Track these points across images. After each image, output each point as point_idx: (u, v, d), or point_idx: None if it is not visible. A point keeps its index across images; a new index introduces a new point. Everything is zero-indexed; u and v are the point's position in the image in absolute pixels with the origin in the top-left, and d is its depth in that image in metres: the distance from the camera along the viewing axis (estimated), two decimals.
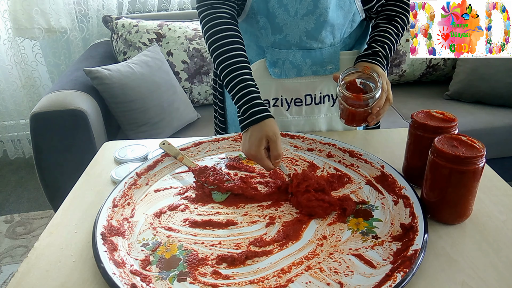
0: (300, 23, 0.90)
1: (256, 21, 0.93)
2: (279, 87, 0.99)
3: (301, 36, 0.91)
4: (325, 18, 0.88)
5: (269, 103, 1.00)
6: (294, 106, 1.00)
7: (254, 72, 0.96)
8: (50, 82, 2.39)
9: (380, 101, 0.82)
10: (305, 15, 0.88)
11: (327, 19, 0.89)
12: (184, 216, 0.73)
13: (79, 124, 1.54)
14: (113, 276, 0.58)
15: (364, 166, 0.84)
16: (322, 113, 1.01)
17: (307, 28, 0.90)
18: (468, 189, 0.66)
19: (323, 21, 0.89)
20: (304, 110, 1.00)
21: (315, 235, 0.68)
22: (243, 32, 0.98)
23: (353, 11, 0.91)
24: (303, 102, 1.00)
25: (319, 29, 0.90)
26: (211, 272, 0.61)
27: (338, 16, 0.90)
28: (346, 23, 0.93)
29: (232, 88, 0.83)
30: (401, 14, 0.94)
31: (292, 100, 1.00)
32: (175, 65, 1.98)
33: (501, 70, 1.96)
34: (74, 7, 2.22)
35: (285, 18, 0.89)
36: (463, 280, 0.58)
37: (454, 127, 0.73)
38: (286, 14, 0.89)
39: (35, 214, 2.06)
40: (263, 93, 0.99)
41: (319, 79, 0.98)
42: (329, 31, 0.92)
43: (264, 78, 0.98)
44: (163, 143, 0.90)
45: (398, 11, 0.94)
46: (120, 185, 0.78)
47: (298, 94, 0.99)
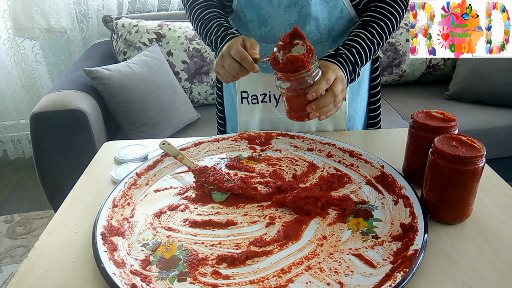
0: (283, 15, 0.90)
1: (244, 14, 0.94)
2: (267, 82, 0.99)
3: (285, 29, 0.91)
4: (307, 11, 0.88)
5: (257, 99, 1.00)
6: (282, 103, 1.00)
7: None
8: (50, 82, 2.40)
9: (318, 88, 0.77)
10: (288, 6, 0.89)
11: (310, 11, 0.88)
12: (184, 216, 0.73)
13: (79, 124, 1.54)
14: (113, 276, 0.58)
15: (364, 166, 0.84)
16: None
17: (290, 20, 0.90)
18: (468, 189, 0.66)
19: (305, 14, 0.89)
20: None
21: (315, 235, 0.68)
22: (237, 26, 1.00)
23: (339, 6, 0.90)
24: None
25: (303, 22, 0.90)
26: (211, 272, 0.61)
27: (323, 10, 0.89)
28: (334, 18, 0.91)
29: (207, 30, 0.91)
30: (379, 20, 0.90)
31: (280, 97, 1.00)
32: (175, 65, 1.98)
33: (501, 70, 1.96)
34: (74, 7, 2.22)
35: (269, 10, 0.90)
36: (463, 280, 0.58)
37: (454, 127, 0.73)
38: (270, 6, 0.90)
39: (35, 214, 2.06)
40: (251, 88, 1.00)
41: None
42: (314, 25, 0.91)
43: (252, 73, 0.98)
44: (163, 143, 0.90)
45: (376, 17, 0.90)
46: (120, 185, 0.78)
47: None
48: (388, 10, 0.91)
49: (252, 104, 1.00)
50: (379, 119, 1.11)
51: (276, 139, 0.95)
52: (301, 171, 0.85)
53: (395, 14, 0.91)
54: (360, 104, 1.05)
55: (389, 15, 0.91)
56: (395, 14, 0.91)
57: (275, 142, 0.95)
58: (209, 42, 0.93)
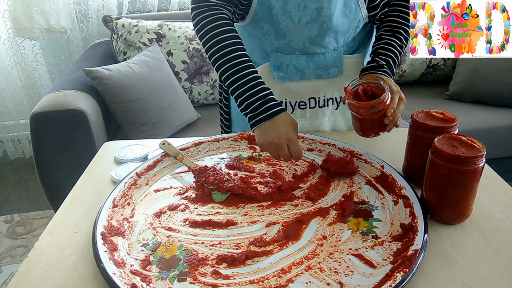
0: (303, 30, 0.90)
1: (260, 26, 0.93)
2: (283, 90, 0.99)
3: (304, 42, 0.92)
4: (328, 26, 0.89)
5: None
6: (298, 109, 1.01)
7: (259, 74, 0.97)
8: (50, 82, 2.39)
9: (393, 103, 0.80)
10: (309, 22, 0.89)
11: (331, 26, 0.89)
12: (184, 216, 0.73)
13: (79, 124, 1.53)
14: (113, 276, 0.58)
15: (364, 166, 0.84)
16: (326, 116, 1.01)
17: (310, 34, 0.90)
18: (468, 189, 0.66)
19: (326, 28, 0.89)
20: (308, 113, 1.01)
21: (315, 235, 0.68)
22: (248, 35, 0.99)
23: (358, 18, 0.91)
24: (307, 105, 1.00)
25: (323, 35, 0.91)
26: (211, 272, 0.61)
27: (343, 23, 0.90)
28: (351, 29, 0.93)
29: (240, 86, 0.80)
30: (403, 26, 0.93)
31: (296, 103, 1.00)
32: (175, 65, 1.98)
33: (501, 70, 1.96)
34: (74, 7, 2.22)
35: (288, 25, 0.89)
36: (463, 280, 0.58)
37: (454, 127, 0.73)
38: (289, 21, 0.89)
39: (35, 214, 2.06)
40: None
41: (322, 82, 0.98)
42: (333, 37, 0.92)
43: (268, 81, 0.97)
44: (163, 143, 0.90)
45: (400, 22, 0.93)
46: (120, 185, 0.78)
47: (302, 97, 0.99)
48: (406, 13, 0.93)
49: None
50: None
51: None
52: (301, 171, 0.85)
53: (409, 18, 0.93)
54: None
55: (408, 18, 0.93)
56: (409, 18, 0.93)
57: None
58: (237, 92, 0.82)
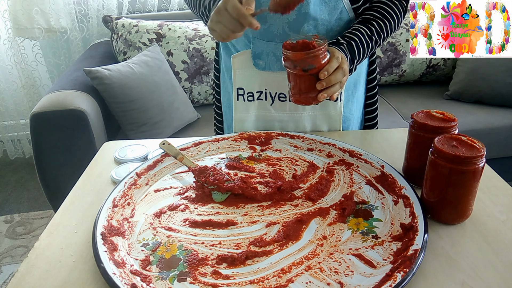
0: None
1: None
2: (263, 80, 0.98)
3: (283, 27, 0.91)
4: (306, 10, 0.88)
5: (253, 96, 1.00)
6: (278, 101, 0.99)
7: (239, 62, 0.98)
8: (50, 82, 2.40)
9: (329, 66, 0.78)
10: None
11: (308, 11, 0.88)
12: (184, 216, 0.73)
13: (79, 124, 1.54)
14: (113, 276, 0.58)
15: (364, 166, 0.84)
16: (307, 110, 1.00)
17: (288, 19, 0.90)
18: (468, 189, 0.66)
19: (304, 13, 0.89)
20: (288, 106, 1.00)
21: (315, 235, 0.68)
22: None
23: (339, 8, 0.90)
24: (287, 97, 0.99)
25: (301, 21, 0.90)
26: (211, 272, 0.61)
27: (322, 10, 0.90)
28: (333, 20, 0.92)
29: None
30: (379, 20, 0.92)
31: (276, 95, 0.99)
32: (175, 65, 1.98)
33: (501, 70, 1.96)
34: (74, 7, 2.22)
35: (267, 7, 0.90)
36: (463, 280, 0.58)
37: (454, 127, 0.73)
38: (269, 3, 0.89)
39: (35, 214, 2.06)
40: (247, 85, 1.00)
41: None
42: (312, 25, 0.91)
43: (248, 69, 0.98)
44: (163, 143, 0.90)
45: (376, 16, 0.92)
46: (120, 185, 0.78)
47: (282, 89, 0.98)
48: (387, 11, 0.93)
49: (248, 101, 1.00)
50: (376, 120, 1.11)
51: (276, 139, 0.95)
52: (301, 171, 0.85)
53: (394, 16, 0.93)
54: (355, 106, 1.05)
55: (388, 16, 0.93)
56: (393, 16, 0.93)
57: (275, 142, 0.95)
58: (202, 11, 0.91)
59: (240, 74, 0.98)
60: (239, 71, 0.99)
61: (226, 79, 1.08)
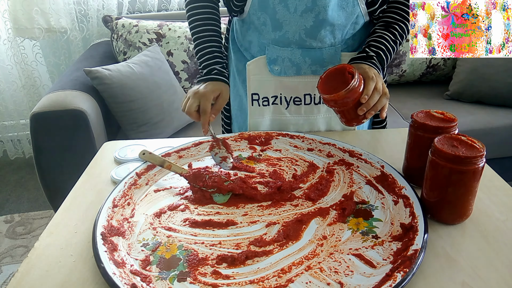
0: (299, 20, 0.90)
1: (257, 17, 0.94)
2: (279, 85, 0.99)
3: (300, 33, 0.92)
4: (324, 17, 0.88)
5: (268, 101, 1.00)
6: (293, 105, 1.00)
7: (254, 68, 0.98)
8: (50, 82, 2.39)
9: (367, 90, 0.79)
10: (304, 12, 0.89)
11: (326, 17, 0.89)
12: (184, 216, 0.73)
13: (79, 124, 1.53)
14: (113, 276, 0.58)
15: (364, 166, 0.84)
16: (321, 113, 1.01)
17: (306, 25, 0.90)
18: (468, 189, 0.66)
19: (322, 20, 0.89)
20: (303, 109, 1.01)
21: (315, 235, 0.68)
22: (246, 29, 1.00)
23: (356, 13, 0.91)
24: (302, 101, 1.00)
25: (318, 27, 0.90)
26: (211, 272, 0.61)
27: (340, 16, 0.90)
28: (348, 24, 0.93)
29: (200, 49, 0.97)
30: (400, 22, 0.93)
31: (291, 99, 1.00)
32: (175, 65, 1.98)
33: (501, 70, 1.96)
34: (74, 7, 2.22)
35: (284, 14, 0.90)
36: (463, 280, 0.58)
37: (454, 127, 0.73)
38: (286, 10, 0.89)
39: (35, 214, 2.06)
40: (262, 90, 1.00)
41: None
42: (329, 30, 0.92)
43: (264, 74, 0.98)
44: (143, 153, 0.83)
45: (397, 19, 0.93)
46: (120, 185, 0.78)
47: (297, 93, 0.99)
48: (405, 11, 0.93)
49: (263, 106, 1.01)
50: (385, 120, 1.11)
51: (276, 139, 0.95)
52: (301, 171, 0.85)
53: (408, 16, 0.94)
54: None
55: (407, 16, 0.93)
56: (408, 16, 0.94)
57: (275, 142, 0.95)
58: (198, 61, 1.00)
59: (255, 79, 0.99)
60: (254, 77, 0.99)
61: (237, 82, 1.07)
